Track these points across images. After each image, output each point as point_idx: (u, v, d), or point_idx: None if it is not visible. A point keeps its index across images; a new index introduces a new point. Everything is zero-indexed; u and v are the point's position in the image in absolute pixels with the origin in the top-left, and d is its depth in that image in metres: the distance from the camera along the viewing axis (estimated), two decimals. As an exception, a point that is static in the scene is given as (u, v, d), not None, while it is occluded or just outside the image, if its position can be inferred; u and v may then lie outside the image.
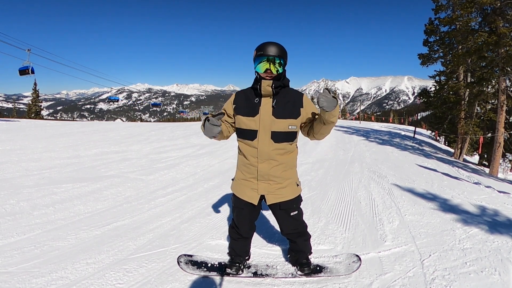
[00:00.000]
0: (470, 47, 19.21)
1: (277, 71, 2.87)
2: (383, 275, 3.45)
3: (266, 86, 2.85)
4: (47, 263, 3.51)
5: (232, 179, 3.36)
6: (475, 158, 34.35)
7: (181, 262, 3.50)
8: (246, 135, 3.00)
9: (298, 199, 3.23)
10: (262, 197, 3.16)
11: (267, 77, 2.87)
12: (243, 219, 3.28)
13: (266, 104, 2.92)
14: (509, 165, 32.55)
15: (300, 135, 3.15)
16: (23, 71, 28.48)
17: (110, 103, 44.72)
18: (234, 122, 3.13)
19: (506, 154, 31.44)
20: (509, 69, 17.06)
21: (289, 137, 3.00)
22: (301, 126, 3.08)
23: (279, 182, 3.06)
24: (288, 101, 2.96)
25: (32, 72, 28.09)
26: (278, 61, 2.84)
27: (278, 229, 4.58)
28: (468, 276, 3.46)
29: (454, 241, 4.43)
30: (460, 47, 21.74)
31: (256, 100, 2.96)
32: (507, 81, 18.10)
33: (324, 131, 2.88)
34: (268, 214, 5.25)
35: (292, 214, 3.19)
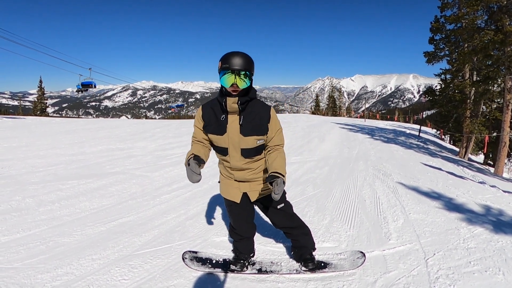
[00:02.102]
0: (476, 45, 19.13)
1: (243, 85, 2.74)
2: (387, 273, 3.45)
3: (232, 103, 2.78)
4: (52, 258, 3.53)
5: (219, 181, 3.39)
6: (480, 158, 34.17)
7: (186, 258, 3.52)
8: (218, 150, 3.04)
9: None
10: (246, 195, 3.21)
11: (233, 92, 2.76)
12: (236, 218, 3.33)
13: (233, 122, 2.87)
14: (515, 164, 32.37)
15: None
16: (86, 86, 32.71)
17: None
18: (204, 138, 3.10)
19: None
20: (515, 68, 16.96)
21: (259, 150, 3.02)
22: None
23: (257, 180, 3.14)
24: (255, 117, 2.89)
25: (94, 86, 32.62)
26: (243, 73, 2.70)
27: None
28: (472, 275, 3.45)
29: (459, 240, 4.41)
30: (466, 45, 21.63)
31: (223, 118, 2.89)
32: (513, 80, 17.98)
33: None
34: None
35: (279, 207, 3.23)
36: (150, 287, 3.08)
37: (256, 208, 3.66)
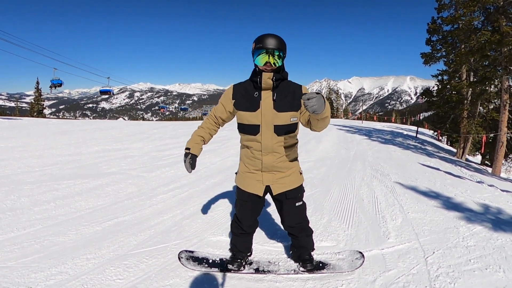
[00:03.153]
0: (473, 46, 19.14)
1: (276, 63, 2.80)
2: (387, 272, 3.41)
3: (267, 78, 2.80)
4: (46, 258, 3.48)
5: (236, 173, 3.33)
6: (478, 158, 34.26)
7: (182, 258, 3.47)
8: (249, 130, 2.96)
9: (302, 188, 3.24)
10: (267, 189, 3.14)
11: (267, 70, 2.80)
12: (247, 213, 3.24)
13: (267, 98, 2.87)
14: (512, 165, 32.46)
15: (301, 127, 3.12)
16: (104, 93, 35.41)
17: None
18: (228, 118, 3.16)
19: (510, 155, 31.38)
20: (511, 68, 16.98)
21: (291, 129, 2.97)
22: (300, 116, 3.00)
23: (283, 172, 3.07)
24: (288, 93, 2.91)
25: (113, 93, 34.90)
26: (277, 54, 2.77)
27: (280, 225, 4.57)
28: (473, 273, 3.42)
29: (458, 238, 4.39)
30: (462, 46, 21.66)
31: (256, 94, 2.90)
32: (510, 80, 18.00)
33: (321, 125, 2.77)
34: (271, 211, 5.24)
35: (297, 204, 3.19)
36: (145, 286, 3.03)
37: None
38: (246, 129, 2.98)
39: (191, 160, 3.07)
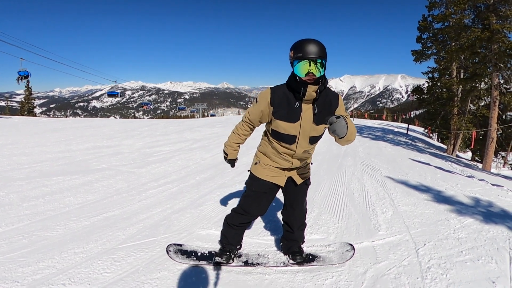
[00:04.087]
0: (463, 43, 19.29)
1: (318, 73, 2.61)
2: (378, 264, 3.40)
3: (312, 92, 2.66)
4: (34, 252, 3.43)
5: (256, 163, 3.22)
6: (468, 155, 34.56)
7: (170, 251, 3.44)
8: (284, 139, 2.90)
9: None
10: (288, 180, 3.20)
11: (308, 81, 2.63)
12: (262, 203, 3.20)
13: (307, 110, 2.78)
14: (502, 161, 32.77)
15: None
16: (112, 95, 32.47)
17: (111, 98, 44.81)
18: (264, 121, 3.01)
19: (500, 151, 31.67)
20: (501, 65, 17.10)
21: (321, 136, 3.01)
22: None
23: (304, 167, 3.22)
24: (326, 105, 2.84)
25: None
26: (319, 62, 2.58)
27: (271, 217, 4.56)
28: (465, 264, 3.42)
29: (449, 230, 4.39)
30: (453, 43, 21.81)
31: (297, 105, 2.77)
32: (500, 77, 18.13)
33: (344, 144, 2.78)
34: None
35: (309, 186, 3.40)
36: (133, 280, 2.99)
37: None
38: (282, 138, 2.91)
39: (233, 164, 3.44)
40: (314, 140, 2.94)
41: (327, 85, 2.84)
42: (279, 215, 4.23)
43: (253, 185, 3.19)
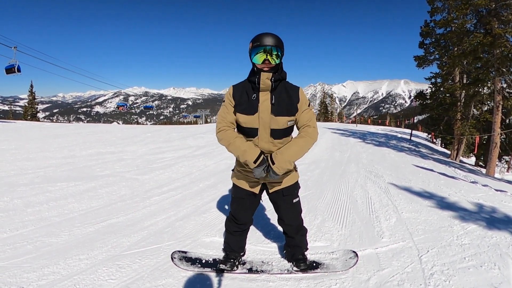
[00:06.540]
0: (465, 49, 19.26)
1: (274, 62, 2.78)
2: (381, 271, 3.40)
3: (265, 78, 2.77)
4: (39, 258, 3.46)
5: (232, 170, 3.31)
6: (472, 160, 34.43)
7: (175, 258, 3.45)
8: (246, 132, 2.94)
9: (297, 184, 3.26)
10: (263, 187, 3.16)
11: (265, 68, 2.78)
12: (243, 210, 3.24)
13: (265, 101, 2.84)
14: (506, 165, 32.66)
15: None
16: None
17: (146, 111, 44.16)
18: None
19: (503, 156, 31.56)
20: (504, 69, 17.09)
21: (288, 132, 2.98)
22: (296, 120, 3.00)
23: None
24: (285, 97, 2.89)
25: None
26: (275, 53, 2.76)
27: (275, 224, 4.55)
28: (468, 270, 3.42)
29: (452, 237, 4.39)
30: (455, 48, 21.77)
31: (254, 97, 2.86)
32: (503, 82, 18.12)
33: (309, 148, 2.97)
34: (264, 211, 5.25)
35: (294, 201, 3.20)
36: (138, 287, 3.01)
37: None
38: (244, 131, 2.96)
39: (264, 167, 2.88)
40: (276, 133, 2.90)
41: (287, 80, 2.99)
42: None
43: (233, 191, 3.28)
